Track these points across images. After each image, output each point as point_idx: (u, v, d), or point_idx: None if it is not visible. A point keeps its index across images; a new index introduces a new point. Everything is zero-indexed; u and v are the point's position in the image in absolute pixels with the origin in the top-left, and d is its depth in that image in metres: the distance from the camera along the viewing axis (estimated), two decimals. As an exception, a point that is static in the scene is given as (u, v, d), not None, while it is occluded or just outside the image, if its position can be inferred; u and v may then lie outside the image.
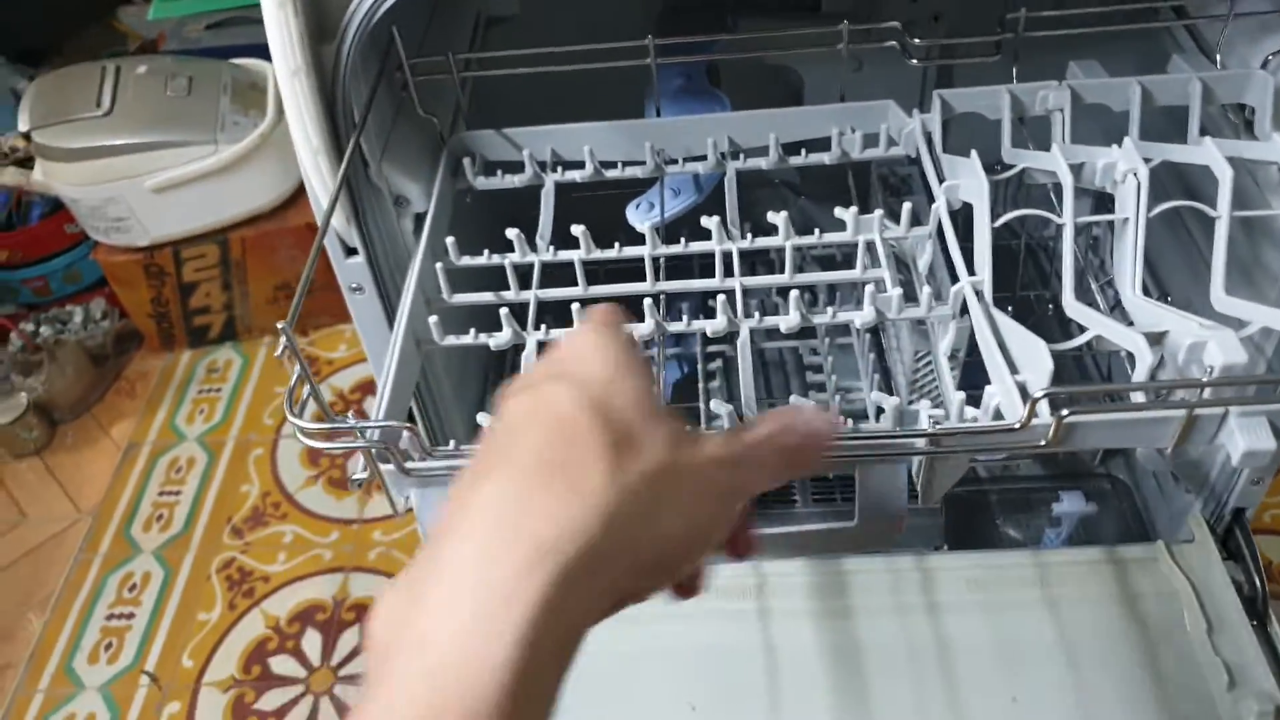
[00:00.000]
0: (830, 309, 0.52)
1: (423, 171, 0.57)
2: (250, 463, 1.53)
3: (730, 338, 0.81)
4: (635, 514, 0.29)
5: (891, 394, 0.68)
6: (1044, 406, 0.42)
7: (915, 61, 0.57)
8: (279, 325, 0.43)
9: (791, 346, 0.85)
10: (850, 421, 0.60)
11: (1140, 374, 0.44)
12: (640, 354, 0.33)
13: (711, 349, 0.82)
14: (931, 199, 0.56)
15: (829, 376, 0.80)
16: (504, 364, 0.79)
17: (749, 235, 0.57)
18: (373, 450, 0.45)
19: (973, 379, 0.50)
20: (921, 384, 0.71)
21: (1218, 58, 0.61)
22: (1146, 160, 0.52)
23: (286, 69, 0.48)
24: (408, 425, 0.45)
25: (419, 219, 0.59)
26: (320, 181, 0.53)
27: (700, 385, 0.77)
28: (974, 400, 0.46)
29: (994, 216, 0.52)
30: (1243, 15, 0.58)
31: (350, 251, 0.57)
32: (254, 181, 1.52)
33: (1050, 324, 0.79)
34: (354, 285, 0.59)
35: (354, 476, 0.48)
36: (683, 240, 0.57)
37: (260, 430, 1.58)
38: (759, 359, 0.84)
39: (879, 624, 0.68)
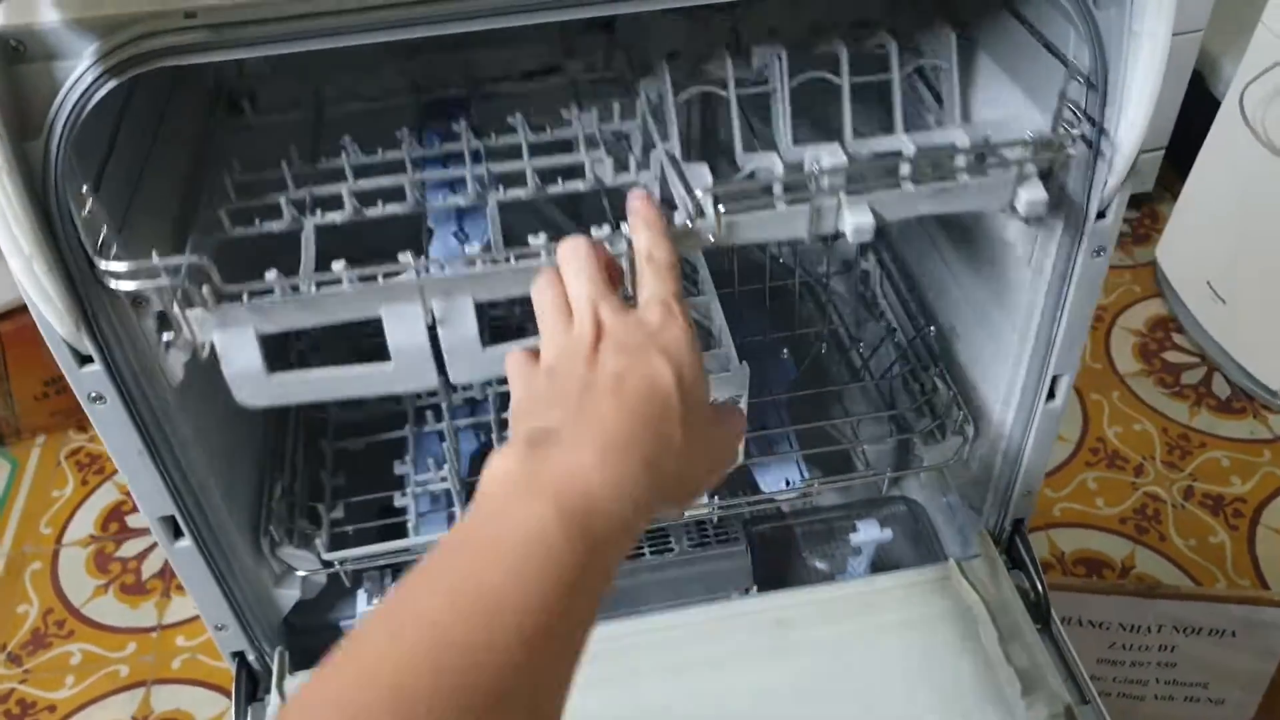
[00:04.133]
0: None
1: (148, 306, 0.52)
2: (27, 579, 1.39)
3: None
4: (693, 463, 0.43)
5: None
6: (709, 207, 0.53)
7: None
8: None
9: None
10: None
11: (777, 182, 0.55)
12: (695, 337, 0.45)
13: (507, 415, 0.80)
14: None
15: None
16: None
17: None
18: (177, 291, 0.47)
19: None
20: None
21: None
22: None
23: (-12, 169, 0.44)
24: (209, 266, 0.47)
25: (163, 316, 0.54)
26: (35, 286, 0.48)
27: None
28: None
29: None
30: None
31: (84, 359, 0.52)
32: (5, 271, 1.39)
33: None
34: (93, 395, 0.54)
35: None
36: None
37: (38, 540, 1.44)
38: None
39: (682, 683, 0.68)
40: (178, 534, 0.61)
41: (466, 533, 0.37)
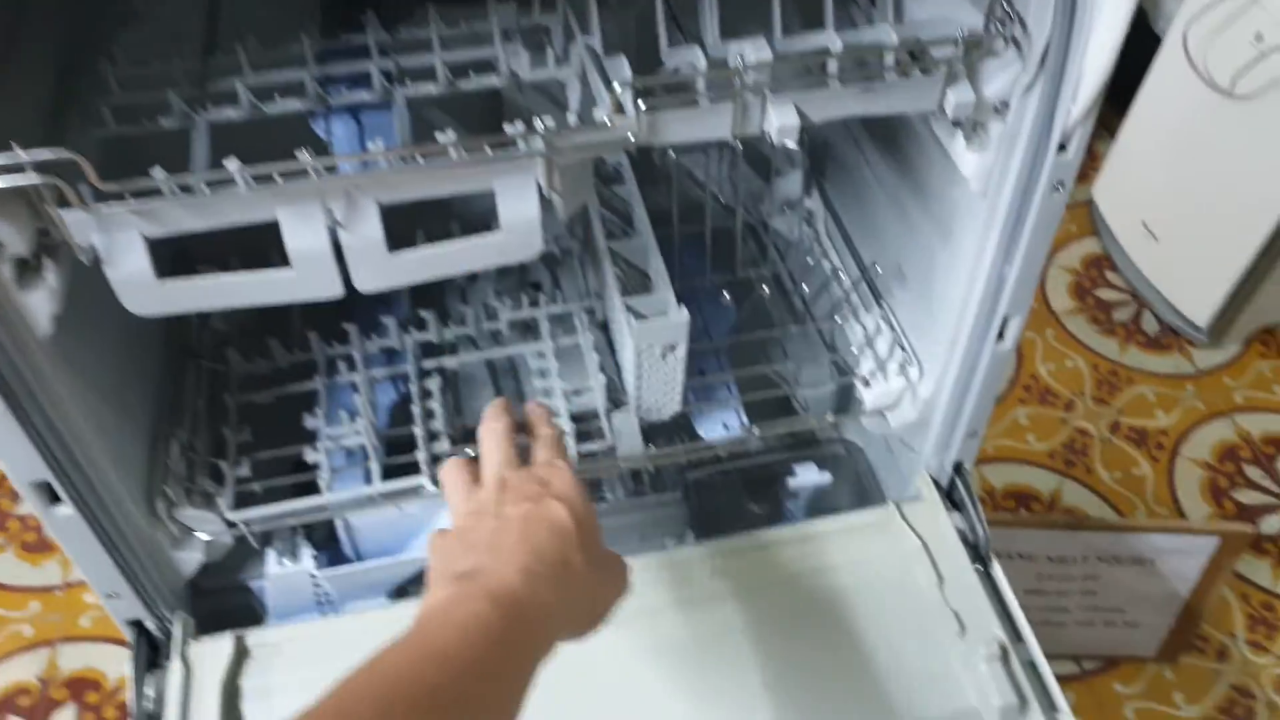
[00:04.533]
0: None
1: (18, 205, 0.46)
2: (-82, 538, 1.30)
3: (451, 349, 0.76)
4: (583, 585, 0.48)
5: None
6: (629, 103, 0.50)
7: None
8: None
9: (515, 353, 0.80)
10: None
11: (700, 77, 0.52)
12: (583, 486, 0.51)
13: (428, 363, 0.75)
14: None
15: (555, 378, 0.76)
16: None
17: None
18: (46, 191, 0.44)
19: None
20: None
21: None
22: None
23: None
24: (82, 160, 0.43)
25: (21, 266, 0.48)
26: None
27: (416, 409, 0.70)
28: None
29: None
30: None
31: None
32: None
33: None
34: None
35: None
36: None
37: (-72, 499, 1.35)
38: (490, 370, 0.79)
39: (619, 633, 0.65)
40: (55, 500, 0.55)
41: (405, 637, 0.41)
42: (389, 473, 0.68)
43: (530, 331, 0.79)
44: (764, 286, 0.81)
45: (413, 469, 0.68)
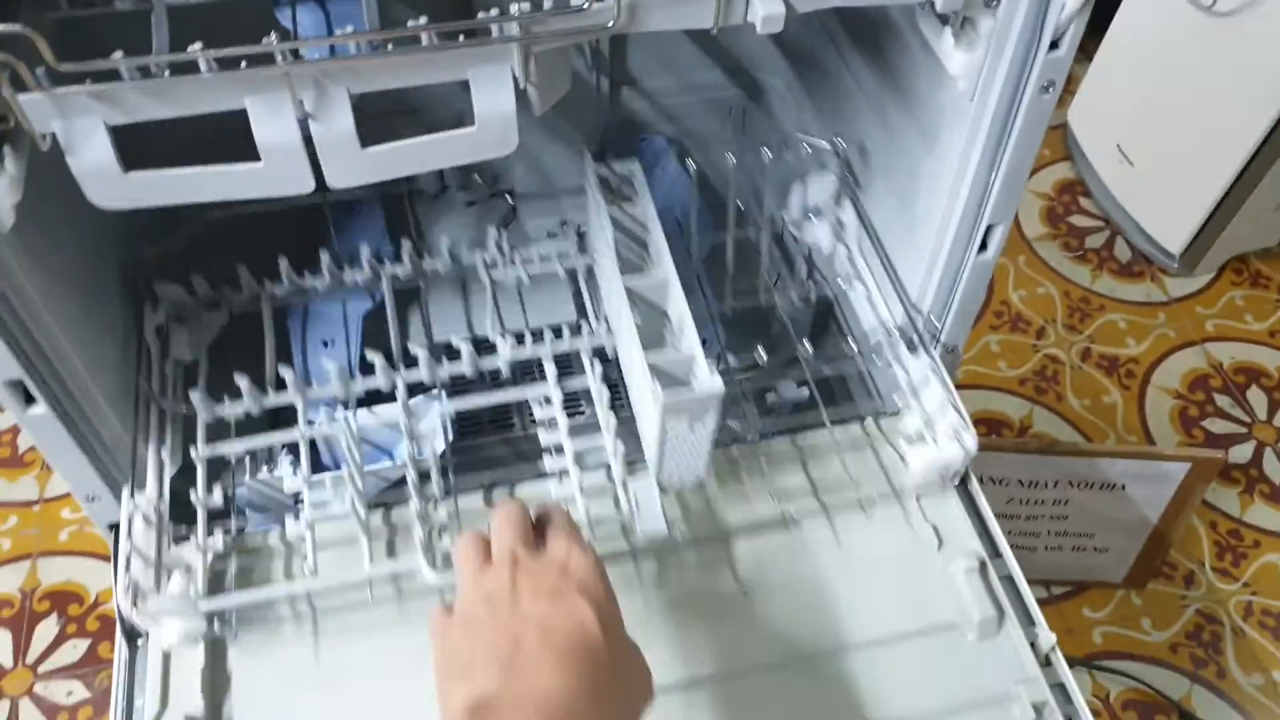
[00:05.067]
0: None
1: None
2: (-111, 453, 1.29)
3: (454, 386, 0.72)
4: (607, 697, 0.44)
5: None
6: None
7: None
8: None
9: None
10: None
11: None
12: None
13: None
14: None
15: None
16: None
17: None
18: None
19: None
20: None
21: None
22: None
23: None
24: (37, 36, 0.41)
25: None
26: None
27: (390, 316, 0.69)
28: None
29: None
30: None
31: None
32: None
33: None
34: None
35: None
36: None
37: (-105, 413, 1.34)
38: (460, 290, 0.78)
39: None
40: (29, 400, 0.54)
41: None
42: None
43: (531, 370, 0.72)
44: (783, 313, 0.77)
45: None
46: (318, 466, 0.72)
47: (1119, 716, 1.21)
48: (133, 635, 0.60)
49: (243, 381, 0.64)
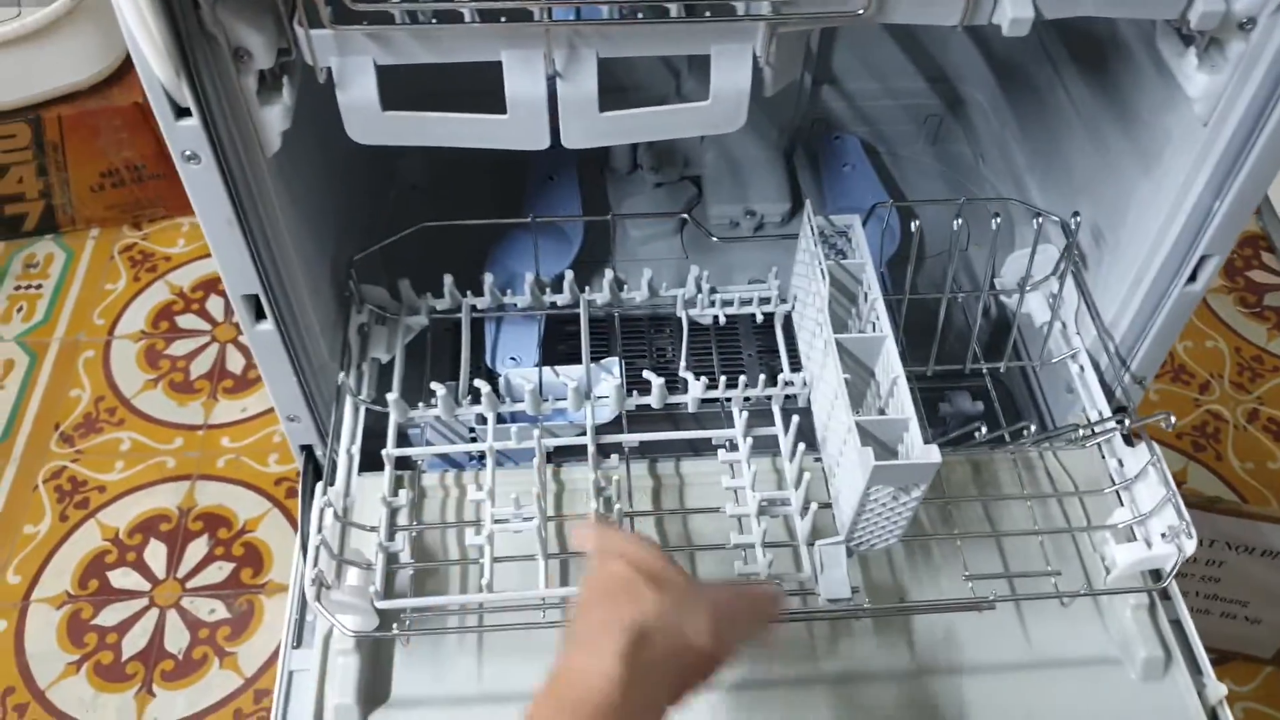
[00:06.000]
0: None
1: (267, 19, 0.48)
2: (80, 366, 1.39)
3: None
4: (674, 614, 0.47)
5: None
6: None
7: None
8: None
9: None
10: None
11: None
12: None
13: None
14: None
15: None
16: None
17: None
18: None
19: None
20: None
21: None
22: None
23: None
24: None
25: (264, 78, 0.50)
26: (139, 23, 0.44)
27: (584, 340, 0.70)
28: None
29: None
30: None
31: (181, 112, 0.49)
32: (68, 52, 1.34)
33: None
34: (187, 153, 0.50)
35: None
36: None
37: (91, 330, 1.44)
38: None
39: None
40: (260, 316, 0.59)
41: None
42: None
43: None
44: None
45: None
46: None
47: (1255, 795, 1.15)
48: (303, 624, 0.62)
49: (439, 389, 0.66)
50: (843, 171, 0.86)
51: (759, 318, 0.75)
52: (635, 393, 0.69)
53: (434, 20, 0.49)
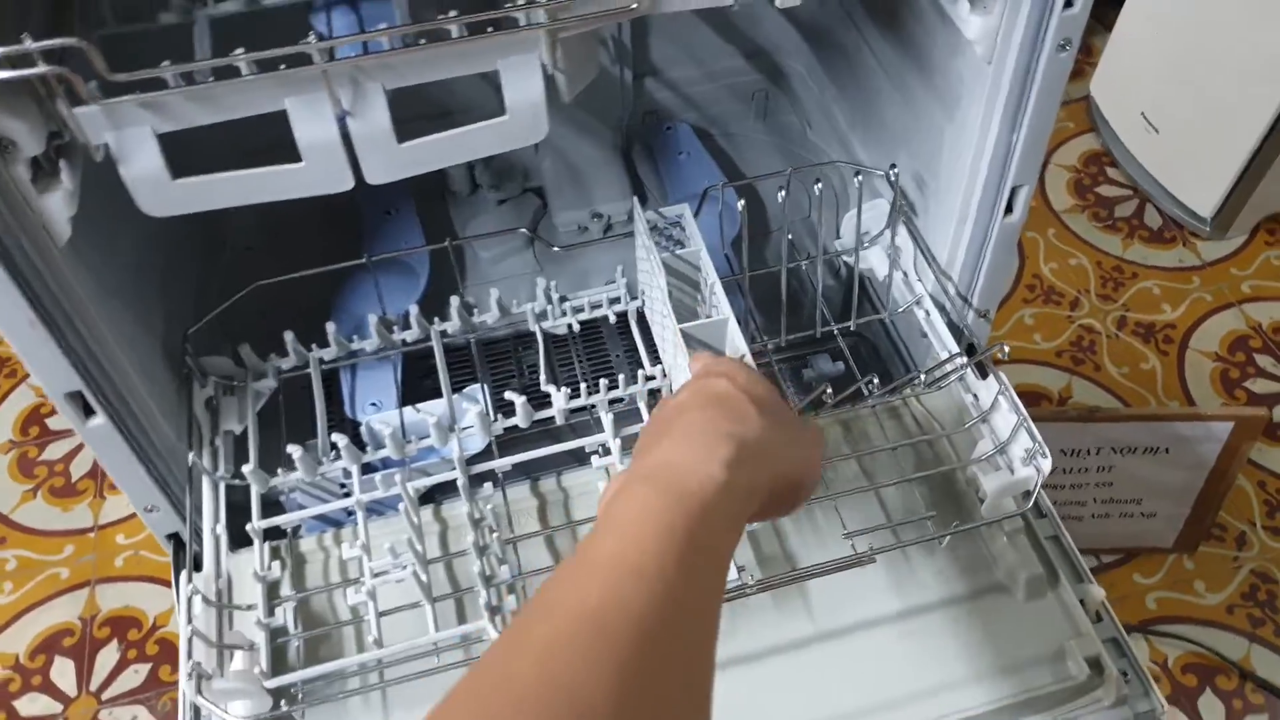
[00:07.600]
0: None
1: (26, 103, 0.46)
2: (-53, 488, 1.33)
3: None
4: (773, 439, 0.46)
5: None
6: None
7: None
8: None
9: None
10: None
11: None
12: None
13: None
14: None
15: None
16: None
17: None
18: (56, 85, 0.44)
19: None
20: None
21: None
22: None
23: None
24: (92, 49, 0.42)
25: (39, 164, 0.48)
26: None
27: (442, 372, 0.69)
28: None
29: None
30: None
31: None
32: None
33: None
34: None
35: None
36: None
37: (-47, 449, 1.37)
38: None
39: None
40: (89, 412, 0.56)
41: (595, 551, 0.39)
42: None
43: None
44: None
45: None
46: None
47: (1179, 680, 1.20)
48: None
49: (295, 450, 0.64)
50: (679, 160, 0.87)
51: (613, 318, 0.76)
52: (502, 416, 0.68)
53: (211, 78, 0.48)
